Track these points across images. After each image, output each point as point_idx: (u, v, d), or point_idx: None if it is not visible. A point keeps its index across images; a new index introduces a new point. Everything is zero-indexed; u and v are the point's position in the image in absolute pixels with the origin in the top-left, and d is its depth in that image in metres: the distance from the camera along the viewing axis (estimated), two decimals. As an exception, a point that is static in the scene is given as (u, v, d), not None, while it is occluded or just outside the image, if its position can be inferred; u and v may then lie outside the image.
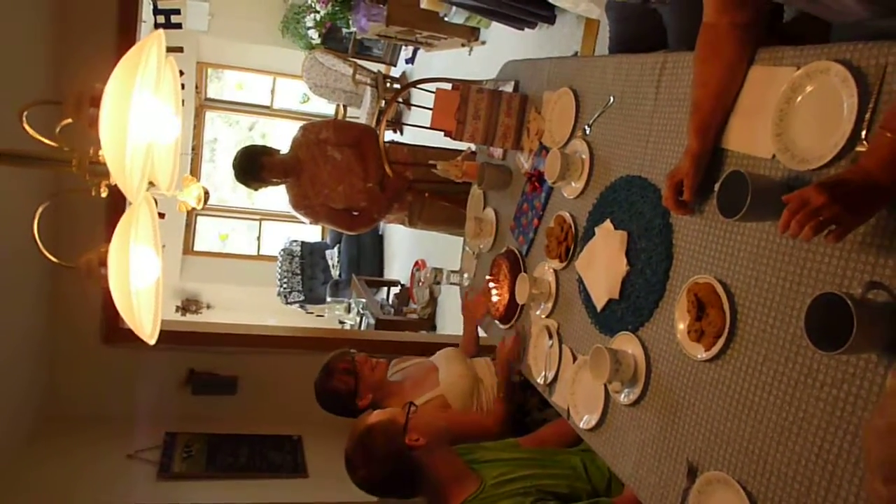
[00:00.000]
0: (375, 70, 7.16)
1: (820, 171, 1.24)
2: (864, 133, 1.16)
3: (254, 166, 3.14)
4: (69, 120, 1.35)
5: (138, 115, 1.21)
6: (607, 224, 1.86)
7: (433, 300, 6.24)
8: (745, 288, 1.40)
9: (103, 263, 1.43)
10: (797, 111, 1.30)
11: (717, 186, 1.33)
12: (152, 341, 1.47)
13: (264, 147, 3.22)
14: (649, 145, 1.75)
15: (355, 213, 3.43)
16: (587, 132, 2.03)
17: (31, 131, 1.28)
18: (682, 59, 1.66)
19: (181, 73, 2.22)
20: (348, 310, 7.00)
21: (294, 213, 3.44)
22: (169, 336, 3.73)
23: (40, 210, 1.36)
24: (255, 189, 3.27)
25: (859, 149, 1.16)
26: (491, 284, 2.45)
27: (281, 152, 3.28)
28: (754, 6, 1.40)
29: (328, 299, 7.59)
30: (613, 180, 1.87)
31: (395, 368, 2.65)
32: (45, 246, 1.49)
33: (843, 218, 1.08)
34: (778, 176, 1.33)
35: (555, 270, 2.13)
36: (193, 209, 1.56)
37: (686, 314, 1.52)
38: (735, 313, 1.41)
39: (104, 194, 1.42)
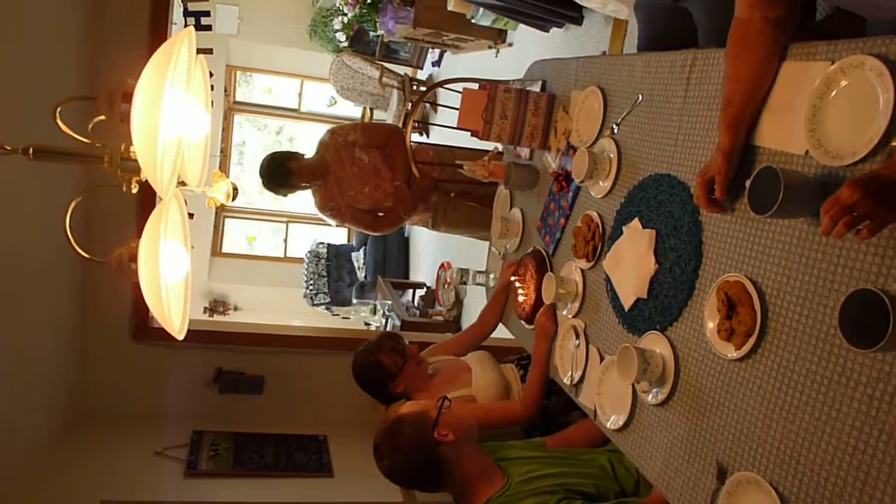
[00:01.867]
0: (402, 73, 7.19)
1: (854, 166, 1.21)
2: (900, 128, 1.13)
3: (281, 172, 3.17)
4: (102, 117, 1.37)
5: (169, 110, 1.23)
6: (635, 223, 1.84)
7: (459, 302, 6.24)
8: (776, 286, 1.38)
9: (133, 259, 1.45)
10: (831, 106, 1.28)
11: (748, 183, 1.31)
12: (181, 336, 1.49)
13: (289, 152, 3.25)
14: (678, 143, 1.73)
15: (380, 214, 3.45)
16: (615, 131, 2.01)
17: (64, 128, 1.30)
18: (713, 56, 1.64)
19: (211, 74, 2.25)
20: (374, 311, 7.02)
21: (320, 214, 3.46)
22: (197, 335, 3.81)
23: (73, 205, 1.38)
24: (284, 195, 3.30)
25: (894, 144, 1.14)
26: (517, 284, 2.44)
27: (306, 156, 3.30)
28: (788, 1, 1.38)
29: (354, 301, 7.63)
30: (642, 179, 1.86)
31: (429, 361, 2.64)
32: (77, 242, 1.52)
33: (877, 213, 1.06)
34: (811, 172, 1.31)
35: (582, 270, 2.11)
36: (223, 206, 1.58)
37: (716, 313, 1.50)
38: (766, 312, 1.39)
39: (135, 190, 1.45)
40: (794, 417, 1.31)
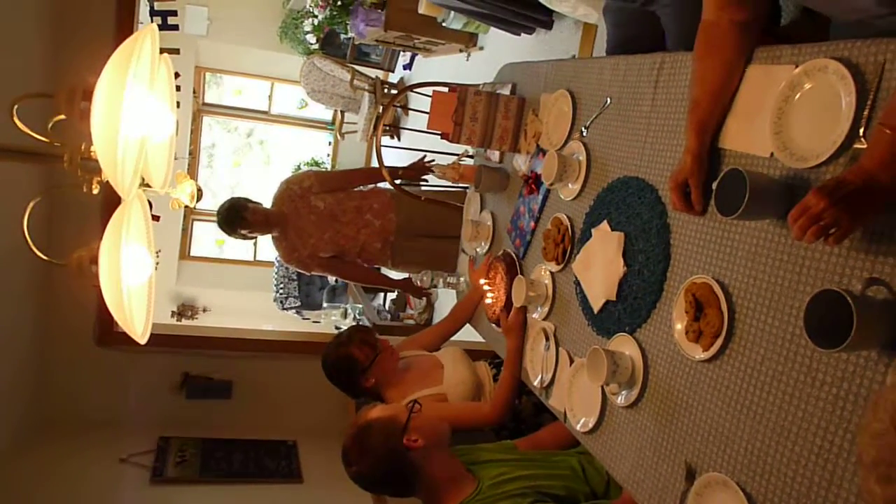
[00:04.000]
0: (373, 76, 7.16)
1: (818, 168, 1.23)
2: (862, 130, 1.15)
3: (236, 220, 3.17)
4: (62, 116, 1.34)
5: (131, 108, 1.20)
6: (604, 225, 1.85)
7: (430, 305, 6.21)
8: (743, 287, 1.39)
9: (94, 261, 1.41)
10: (795, 109, 1.29)
11: (715, 185, 1.32)
12: (143, 340, 1.45)
13: (248, 201, 3.24)
14: (646, 146, 1.74)
15: (347, 260, 3.44)
16: (584, 134, 2.02)
17: (21, 126, 1.27)
18: (680, 60, 1.66)
19: (177, 74, 2.21)
20: (345, 315, 6.98)
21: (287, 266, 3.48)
22: (163, 339, 3.75)
23: (31, 206, 1.34)
24: (239, 238, 3.29)
25: (857, 146, 1.15)
26: (486, 287, 2.43)
27: (264, 206, 3.29)
28: (754, 4, 1.40)
29: (324, 305, 7.57)
30: (610, 181, 1.86)
31: (400, 355, 2.62)
32: (37, 244, 1.48)
33: (844, 220, 1.08)
34: (777, 174, 1.32)
35: (552, 273, 2.12)
36: (191, 209, 1.55)
37: (684, 314, 1.51)
38: (733, 313, 1.40)
39: (96, 191, 1.41)
40: (760, 418, 1.32)
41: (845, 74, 1.19)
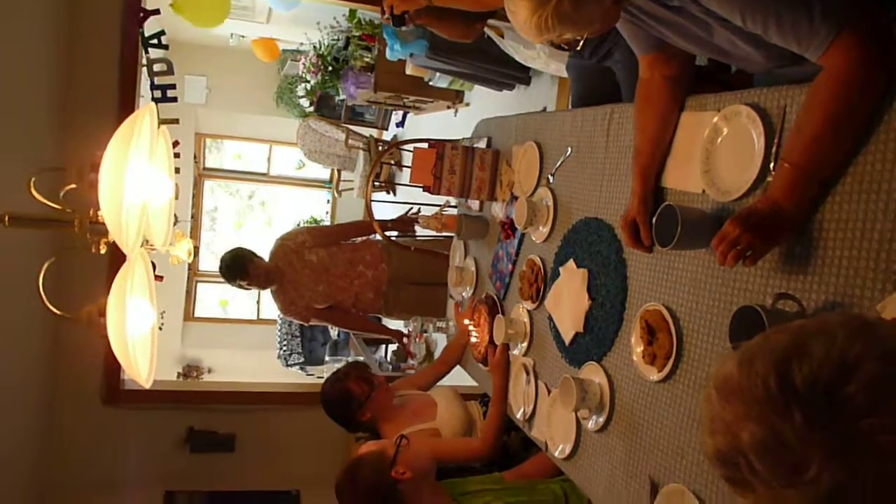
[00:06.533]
0: (367, 134, 7.42)
1: (740, 200, 1.39)
2: (772, 165, 1.31)
3: (238, 272, 3.35)
4: (72, 185, 1.51)
5: (133, 178, 1.37)
6: (570, 264, 2.00)
7: (430, 354, 6.29)
8: (687, 311, 1.53)
9: (102, 314, 1.57)
10: (720, 150, 1.46)
11: (653, 220, 1.48)
12: (148, 385, 1.60)
13: (251, 255, 3.41)
14: (603, 189, 1.90)
15: (343, 310, 3.61)
16: (551, 181, 2.19)
17: (38, 196, 1.44)
18: (627, 110, 1.84)
19: (176, 142, 2.41)
20: (347, 369, 7.05)
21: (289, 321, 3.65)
22: (168, 395, 3.88)
23: (46, 266, 1.50)
24: (238, 286, 3.46)
25: (769, 179, 1.31)
26: (471, 328, 2.57)
27: (266, 261, 3.47)
28: (680, 61, 1.58)
29: (327, 359, 7.67)
30: (574, 223, 2.02)
31: (395, 393, 2.75)
32: (49, 302, 1.63)
33: (756, 244, 1.24)
34: (707, 208, 1.48)
35: (528, 311, 2.26)
36: (195, 271, 1.71)
37: (640, 340, 1.65)
38: (681, 335, 1.54)
39: (103, 251, 1.57)
40: (708, 429, 1.44)
41: (755, 118, 1.36)
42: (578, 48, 1.37)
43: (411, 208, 3.62)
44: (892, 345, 0.65)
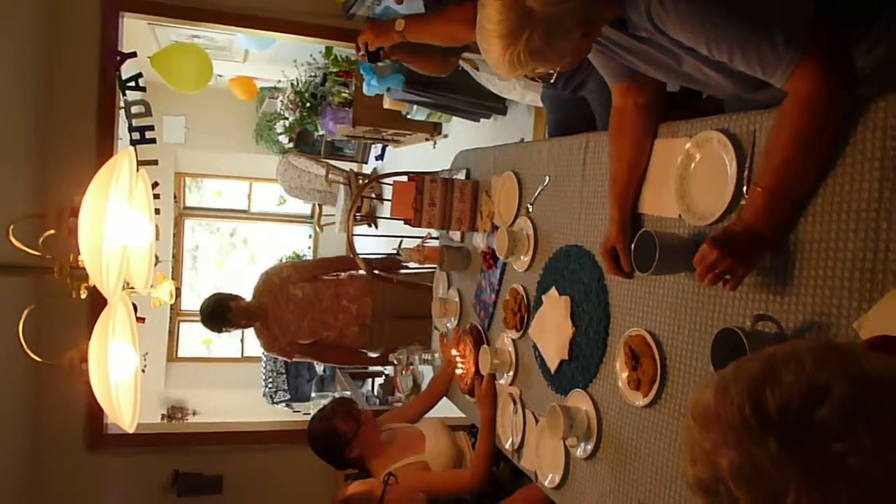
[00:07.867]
0: (347, 169, 7.45)
1: (715, 224, 1.41)
2: (745, 188, 1.34)
3: (221, 317, 3.32)
4: (52, 231, 1.51)
5: (113, 222, 1.37)
6: (553, 292, 2.01)
7: (417, 387, 6.26)
8: (670, 335, 1.55)
9: (84, 359, 1.55)
10: (693, 175, 1.49)
11: (632, 246, 1.50)
12: (131, 429, 1.58)
13: (230, 297, 3.40)
14: (582, 216, 1.93)
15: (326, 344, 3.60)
16: (530, 210, 2.21)
17: (17, 244, 1.43)
18: (602, 139, 1.87)
19: (155, 183, 2.41)
20: (334, 404, 6.98)
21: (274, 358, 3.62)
22: (152, 439, 3.82)
23: (25, 314, 1.49)
24: (221, 332, 3.44)
25: (743, 202, 1.34)
26: (458, 359, 2.57)
27: (245, 300, 3.46)
28: (652, 88, 1.61)
29: (313, 395, 7.60)
30: (555, 251, 2.04)
31: (383, 427, 2.73)
32: (29, 350, 1.61)
33: (735, 268, 1.26)
34: (684, 232, 1.51)
35: (513, 340, 2.26)
36: (175, 310, 1.71)
37: (625, 366, 1.66)
38: (664, 359, 1.55)
39: (84, 296, 1.56)
40: (696, 452, 1.45)
41: (726, 143, 1.39)
42: (552, 80, 1.41)
43: (397, 252, 3.63)
44: (860, 368, 0.66)
